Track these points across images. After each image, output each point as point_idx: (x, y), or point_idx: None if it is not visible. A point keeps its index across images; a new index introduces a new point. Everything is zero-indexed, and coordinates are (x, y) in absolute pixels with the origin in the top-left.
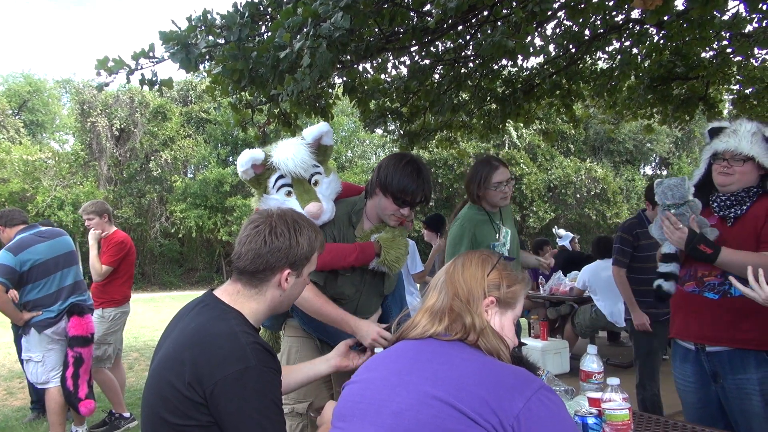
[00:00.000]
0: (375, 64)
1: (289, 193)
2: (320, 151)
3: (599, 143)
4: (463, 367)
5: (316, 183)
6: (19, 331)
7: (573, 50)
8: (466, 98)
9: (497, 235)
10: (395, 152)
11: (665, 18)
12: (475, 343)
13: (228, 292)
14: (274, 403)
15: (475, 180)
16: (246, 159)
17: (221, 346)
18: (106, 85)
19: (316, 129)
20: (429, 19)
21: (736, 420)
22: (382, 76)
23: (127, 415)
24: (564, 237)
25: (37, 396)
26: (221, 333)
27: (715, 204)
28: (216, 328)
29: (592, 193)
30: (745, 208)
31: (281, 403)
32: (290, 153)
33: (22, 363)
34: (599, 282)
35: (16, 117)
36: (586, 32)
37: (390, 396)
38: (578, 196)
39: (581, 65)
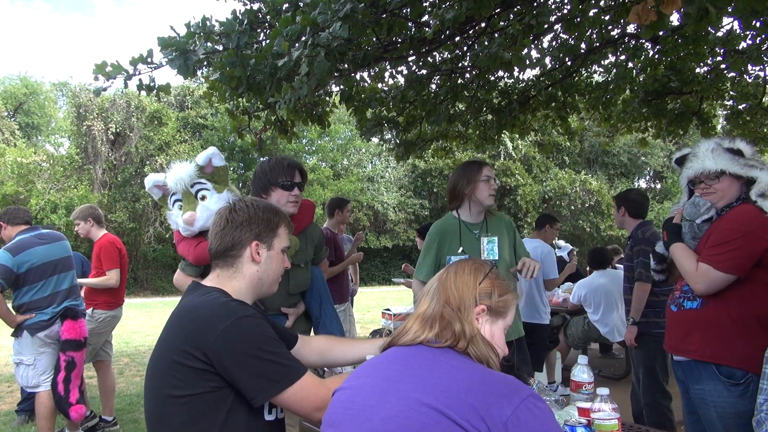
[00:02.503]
0: (372, 73)
1: (180, 207)
2: (215, 171)
3: (594, 156)
4: (453, 374)
5: (203, 198)
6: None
7: (569, 63)
8: (463, 108)
9: (459, 248)
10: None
11: (660, 33)
12: (464, 350)
13: (210, 279)
14: (270, 338)
15: (464, 177)
16: (148, 181)
17: (206, 312)
18: (104, 89)
19: (204, 153)
20: (426, 29)
21: (705, 428)
22: (379, 85)
23: (109, 418)
24: (563, 248)
25: (25, 396)
26: (202, 304)
27: None
28: (198, 302)
29: (587, 205)
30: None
31: (275, 335)
32: (172, 172)
33: None
34: (596, 296)
35: (12, 119)
36: (582, 46)
37: (380, 402)
38: (573, 207)
39: (577, 78)
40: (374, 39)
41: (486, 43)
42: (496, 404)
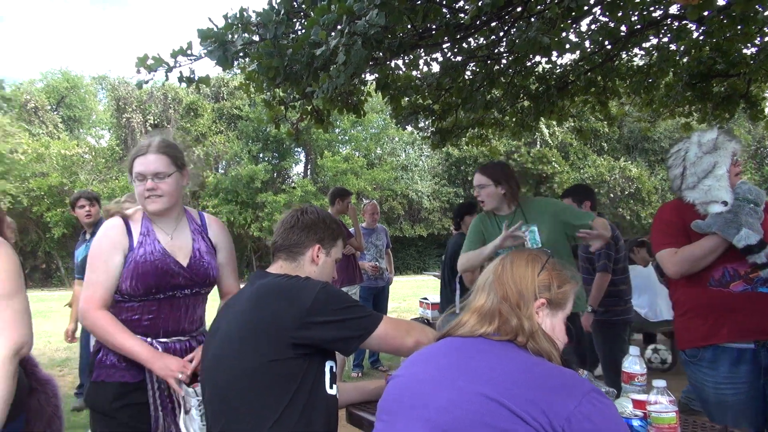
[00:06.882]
0: (407, 61)
1: None
2: None
3: (633, 142)
4: (512, 366)
5: None
6: None
7: (609, 47)
8: (499, 95)
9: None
10: None
11: (705, 13)
12: (524, 345)
13: (274, 269)
14: (350, 298)
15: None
16: None
17: (291, 289)
18: (146, 82)
19: None
20: (463, 15)
21: None
22: (414, 72)
23: None
24: None
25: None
26: (285, 282)
27: None
28: (280, 281)
29: (626, 192)
30: None
31: (350, 297)
32: None
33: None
34: (633, 281)
35: (54, 113)
36: (623, 28)
37: (435, 391)
38: (612, 195)
39: (617, 62)
40: (409, 26)
41: (523, 28)
42: (559, 398)
